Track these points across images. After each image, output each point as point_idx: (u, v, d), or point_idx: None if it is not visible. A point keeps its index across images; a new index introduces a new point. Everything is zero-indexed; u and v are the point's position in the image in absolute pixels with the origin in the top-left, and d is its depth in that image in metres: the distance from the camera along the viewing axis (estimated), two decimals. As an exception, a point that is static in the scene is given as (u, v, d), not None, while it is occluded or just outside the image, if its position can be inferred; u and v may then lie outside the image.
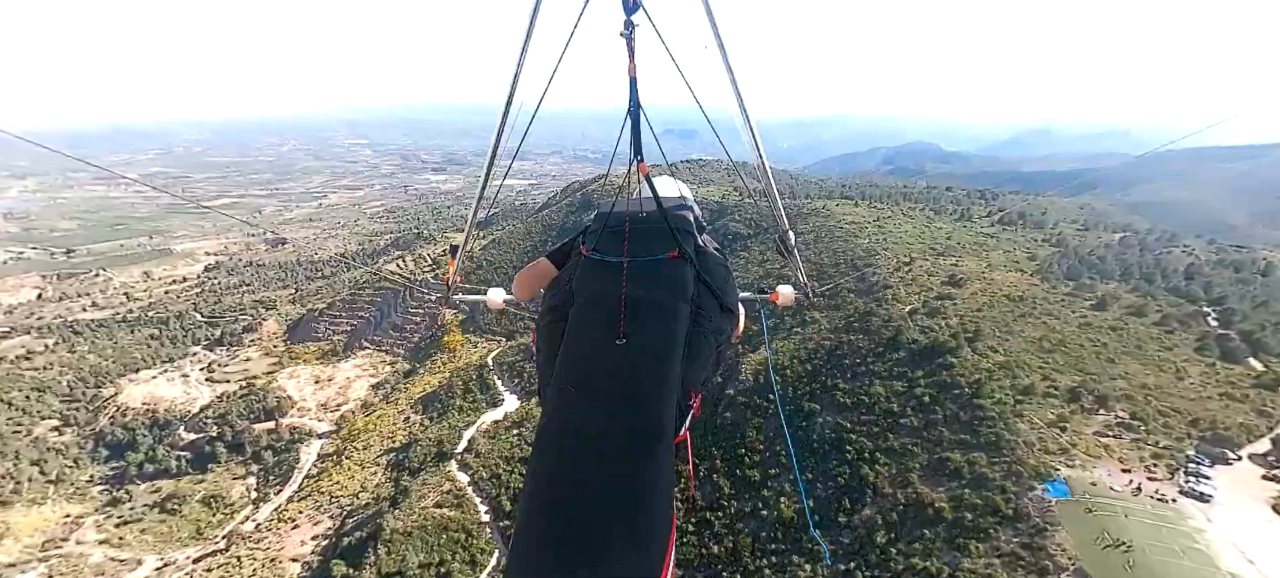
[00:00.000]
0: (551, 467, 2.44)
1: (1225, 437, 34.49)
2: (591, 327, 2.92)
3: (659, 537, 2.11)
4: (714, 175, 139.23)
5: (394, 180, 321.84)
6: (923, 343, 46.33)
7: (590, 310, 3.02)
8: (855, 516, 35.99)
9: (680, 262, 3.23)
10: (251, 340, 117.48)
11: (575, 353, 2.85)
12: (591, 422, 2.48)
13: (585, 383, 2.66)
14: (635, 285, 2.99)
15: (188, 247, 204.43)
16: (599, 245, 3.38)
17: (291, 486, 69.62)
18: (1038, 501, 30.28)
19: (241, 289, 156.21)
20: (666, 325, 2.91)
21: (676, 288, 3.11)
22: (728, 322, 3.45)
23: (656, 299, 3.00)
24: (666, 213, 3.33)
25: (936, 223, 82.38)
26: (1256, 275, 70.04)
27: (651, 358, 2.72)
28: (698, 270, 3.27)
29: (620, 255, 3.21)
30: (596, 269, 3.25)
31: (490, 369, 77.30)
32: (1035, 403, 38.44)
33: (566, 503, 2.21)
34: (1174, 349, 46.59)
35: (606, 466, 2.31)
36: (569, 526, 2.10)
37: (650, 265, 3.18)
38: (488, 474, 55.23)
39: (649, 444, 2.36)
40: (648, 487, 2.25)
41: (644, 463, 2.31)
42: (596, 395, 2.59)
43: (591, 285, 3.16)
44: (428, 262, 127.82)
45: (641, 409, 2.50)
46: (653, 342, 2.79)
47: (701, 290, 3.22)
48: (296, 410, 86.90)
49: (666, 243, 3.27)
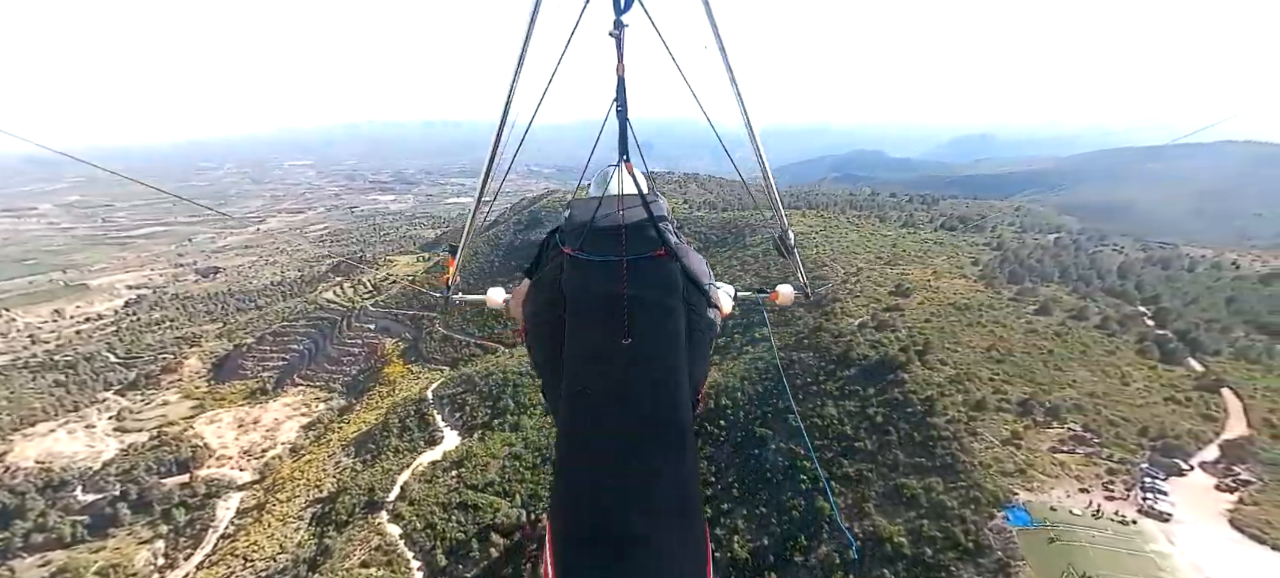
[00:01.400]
0: (585, 471, 2.41)
1: (1176, 445, 33.80)
2: (593, 328, 2.86)
3: (699, 538, 2.16)
4: (666, 187, 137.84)
5: (340, 202, 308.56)
6: (873, 358, 44.76)
7: (588, 312, 2.95)
8: (812, 554, 33.47)
9: (669, 259, 3.15)
10: (170, 383, 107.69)
11: (583, 356, 2.80)
12: (616, 423, 2.47)
13: (601, 385, 2.63)
14: (632, 284, 2.91)
15: (106, 281, 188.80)
16: (586, 245, 3.19)
17: (204, 549, 62.50)
18: (998, 531, 28.42)
19: (164, 325, 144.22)
20: (668, 323, 2.89)
21: (669, 287, 3.04)
22: (715, 316, 3.42)
23: (654, 297, 2.93)
24: (651, 210, 3.24)
25: (882, 231, 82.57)
26: (1183, 272, 72.63)
27: (661, 357, 2.72)
28: (683, 266, 3.18)
29: (613, 254, 3.07)
30: (588, 269, 3.10)
31: (429, 403, 72.14)
32: (988, 418, 37.08)
33: (604, 509, 2.20)
34: (1116, 352, 46.55)
35: (637, 468, 2.30)
36: (611, 532, 2.10)
37: (642, 264, 3.06)
38: (422, 524, 50.45)
39: (675, 442, 2.39)
40: (683, 484, 2.28)
41: (673, 461, 2.33)
42: (615, 397, 2.57)
43: (585, 286, 3.05)
44: (367, 288, 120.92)
45: (663, 408, 2.50)
46: (659, 341, 2.78)
47: (689, 287, 3.17)
48: (215, 460, 79.24)
49: (653, 241, 3.16)
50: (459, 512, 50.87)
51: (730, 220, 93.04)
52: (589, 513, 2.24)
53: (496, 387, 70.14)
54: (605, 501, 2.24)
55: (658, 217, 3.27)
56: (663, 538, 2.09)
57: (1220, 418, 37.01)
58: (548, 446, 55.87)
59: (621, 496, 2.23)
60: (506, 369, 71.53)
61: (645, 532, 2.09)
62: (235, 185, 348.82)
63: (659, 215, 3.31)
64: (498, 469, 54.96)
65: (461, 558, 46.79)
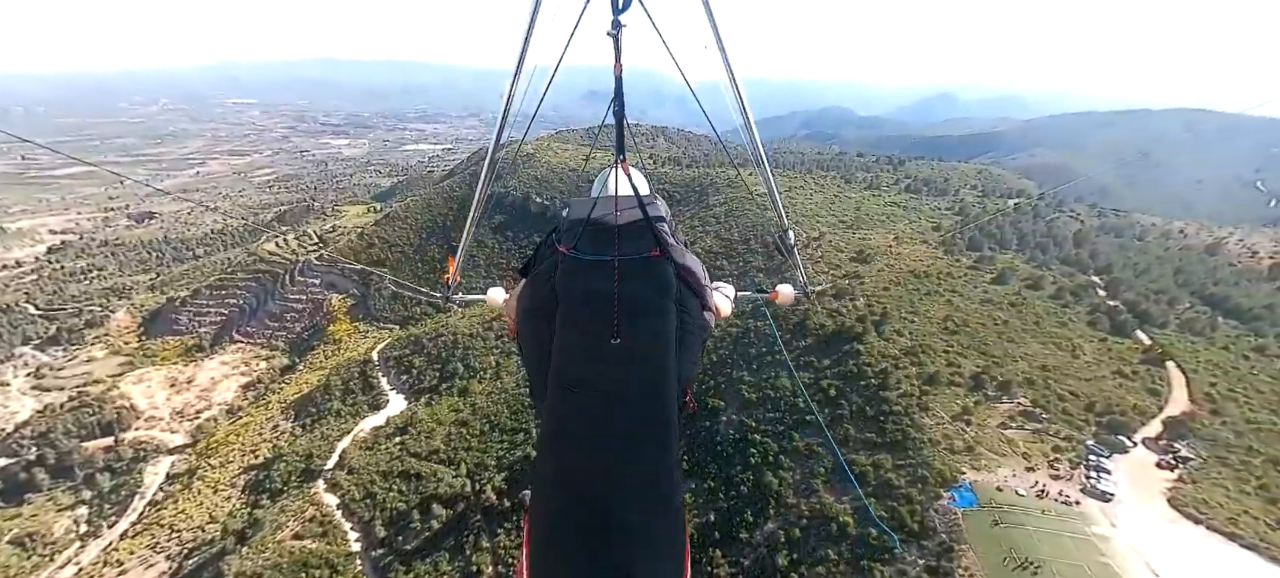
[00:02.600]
0: (569, 465, 2.42)
1: (1121, 422, 33.81)
2: (584, 326, 2.87)
3: (669, 534, 2.18)
4: (631, 142, 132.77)
5: (287, 145, 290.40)
6: (830, 328, 43.54)
7: (580, 310, 2.96)
8: (758, 530, 32.60)
9: (663, 260, 3.18)
10: (96, 338, 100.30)
11: (572, 353, 2.81)
12: (602, 420, 2.49)
13: (584, 384, 2.64)
14: (624, 283, 2.95)
15: (27, 224, 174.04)
16: (580, 244, 3.26)
17: (129, 517, 58.92)
18: (944, 513, 27.80)
19: (91, 275, 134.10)
20: (658, 323, 2.89)
21: (663, 286, 3.07)
22: (708, 318, 3.41)
23: (646, 297, 2.96)
24: (647, 211, 3.28)
25: (846, 193, 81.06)
26: (1134, 240, 73.87)
27: (649, 355, 2.73)
28: (678, 268, 3.21)
29: (607, 254, 3.13)
30: (582, 268, 3.16)
31: (375, 365, 68.71)
32: (940, 393, 36.43)
33: (591, 499, 2.21)
34: (1068, 323, 46.61)
35: (624, 461, 2.34)
36: (597, 522, 2.13)
37: (636, 263, 3.11)
38: (361, 494, 48.12)
39: (658, 440, 2.41)
40: (664, 481, 2.31)
41: (656, 458, 2.37)
42: (597, 396, 2.58)
43: (578, 284, 3.08)
44: (313, 240, 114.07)
45: (646, 406, 2.52)
46: (648, 340, 2.79)
47: (682, 287, 3.18)
48: (144, 422, 74.48)
49: (648, 241, 3.21)
50: (400, 481, 48.63)
51: (695, 177, 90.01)
52: (572, 505, 2.24)
53: (446, 349, 67.10)
54: (588, 493, 2.24)
55: (654, 217, 3.29)
56: (643, 530, 2.12)
57: (1164, 392, 37.33)
58: (497, 413, 53.67)
59: (604, 488, 2.23)
60: (457, 331, 68.34)
61: (626, 524, 2.11)
62: (170, 123, 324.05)
63: (656, 216, 3.33)
64: (443, 437, 52.65)
65: (402, 529, 44.84)
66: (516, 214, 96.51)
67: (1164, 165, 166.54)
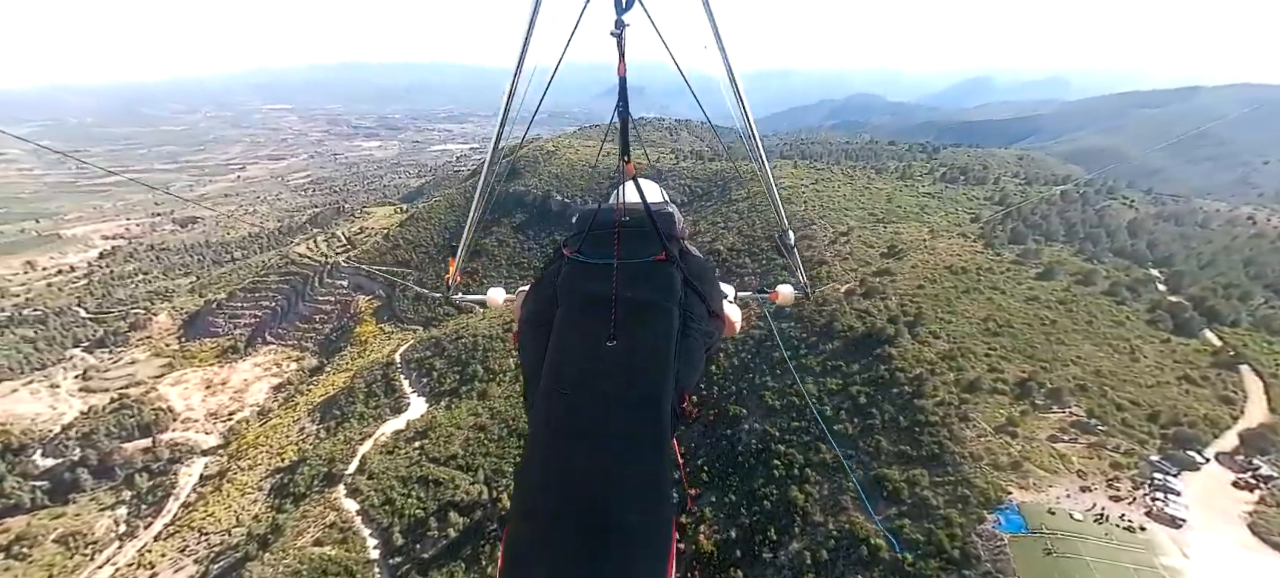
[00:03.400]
0: (551, 467, 2.38)
1: (1190, 435, 30.39)
2: (581, 328, 2.87)
3: (664, 536, 2.16)
4: (654, 136, 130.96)
5: (322, 148, 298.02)
6: (859, 330, 40.88)
7: (578, 312, 2.96)
8: (782, 550, 30.52)
9: (668, 264, 3.16)
10: (139, 339, 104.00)
11: (566, 355, 2.79)
12: (589, 422, 2.46)
13: (581, 384, 2.60)
14: (625, 287, 2.92)
15: (81, 231, 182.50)
16: (583, 247, 3.29)
17: (163, 518, 60.31)
18: (988, 539, 25.22)
19: (137, 279, 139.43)
20: (658, 327, 2.85)
21: (665, 290, 3.03)
22: (714, 325, 3.36)
23: (647, 301, 2.94)
24: (653, 215, 3.25)
25: (877, 184, 77.27)
26: (1197, 228, 68.24)
27: (645, 359, 2.68)
28: (685, 273, 3.18)
29: (608, 257, 3.12)
30: (583, 271, 3.18)
31: (397, 367, 68.74)
32: (982, 401, 33.54)
33: (571, 503, 2.19)
34: (1125, 322, 42.74)
35: (608, 465, 2.30)
36: (575, 526, 2.10)
37: (638, 267, 3.10)
38: (380, 500, 47.81)
39: (649, 443, 2.38)
40: (650, 485, 2.27)
41: (645, 462, 2.33)
42: (592, 396, 2.54)
43: (578, 287, 3.09)
44: (341, 241, 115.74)
45: (639, 409, 2.48)
46: (645, 343, 2.75)
47: (688, 293, 3.14)
48: (180, 422, 76.47)
49: (653, 245, 3.18)
50: (419, 487, 48.14)
51: (719, 171, 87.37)
52: (566, 504, 2.20)
53: (466, 351, 66.61)
54: (584, 492, 2.21)
55: (661, 220, 3.28)
56: (641, 531, 2.10)
57: (1239, 400, 33.58)
58: (515, 418, 52.74)
59: (601, 489, 2.21)
60: (476, 333, 67.78)
61: (625, 524, 2.08)
62: (212, 129, 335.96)
63: (663, 220, 3.32)
64: (462, 442, 51.99)
65: (419, 537, 44.32)
66: (537, 212, 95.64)
67: (1225, 144, 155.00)
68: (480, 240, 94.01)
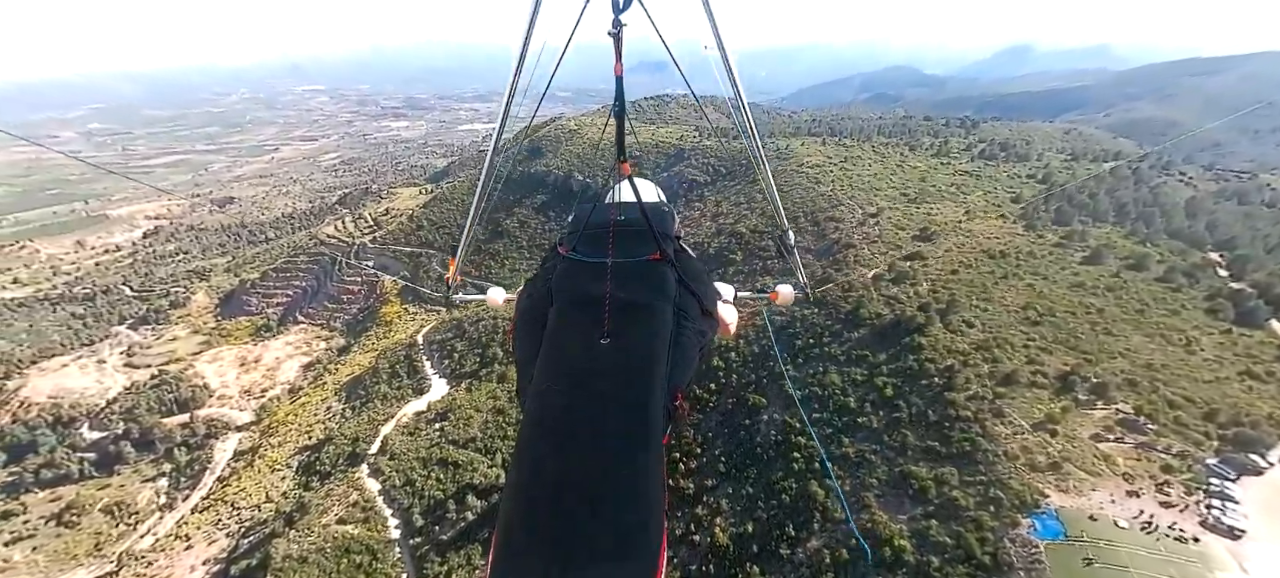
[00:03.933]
0: (542, 464, 2.37)
1: (1251, 437, 27.89)
2: (574, 326, 2.88)
3: (653, 533, 2.14)
4: (679, 113, 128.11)
5: (352, 129, 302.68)
6: (887, 318, 38.96)
7: (572, 310, 2.97)
8: (800, 547, 29.43)
9: (662, 263, 3.17)
10: (179, 317, 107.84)
11: (559, 352, 2.81)
12: (581, 419, 2.46)
13: (572, 381, 2.62)
14: (618, 286, 2.95)
15: (127, 211, 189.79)
16: (578, 246, 3.30)
17: (200, 491, 62.60)
18: (1022, 545, 23.62)
19: (177, 258, 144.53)
20: (651, 326, 2.87)
21: (659, 289, 3.05)
22: (708, 324, 3.38)
23: (640, 300, 2.95)
24: (648, 215, 3.26)
25: (910, 161, 73.66)
26: (1263, 207, 63.20)
27: (638, 357, 2.70)
28: (679, 272, 3.19)
29: (602, 256, 3.14)
30: (577, 269, 3.19)
31: (419, 349, 69.38)
32: (1018, 396, 31.51)
33: (561, 499, 2.18)
34: (1180, 311, 39.70)
35: (598, 462, 2.30)
36: (564, 522, 2.10)
37: (632, 266, 3.12)
38: (401, 481, 48.42)
39: (639, 442, 2.38)
40: (640, 483, 2.26)
41: (635, 460, 2.33)
42: (584, 394, 2.56)
43: (572, 285, 3.10)
44: (368, 223, 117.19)
45: (631, 407, 2.48)
46: (638, 341, 2.77)
47: (682, 292, 3.16)
48: (217, 399, 79.12)
49: (648, 244, 3.22)
50: (439, 469, 48.54)
51: (742, 149, 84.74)
52: (556, 499, 2.19)
53: (486, 333, 66.75)
54: (576, 488, 2.20)
55: (656, 220, 3.27)
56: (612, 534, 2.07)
57: (1310, 400, 30.73)
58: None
59: (594, 485, 2.19)
60: (497, 314, 67.71)
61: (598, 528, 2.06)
62: (247, 112, 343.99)
63: (658, 220, 3.32)
64: (480, 424, 52.15)
65: (438, 519, 44.70)
66: (559, 192, 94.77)
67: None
68: (502, 221, 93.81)
